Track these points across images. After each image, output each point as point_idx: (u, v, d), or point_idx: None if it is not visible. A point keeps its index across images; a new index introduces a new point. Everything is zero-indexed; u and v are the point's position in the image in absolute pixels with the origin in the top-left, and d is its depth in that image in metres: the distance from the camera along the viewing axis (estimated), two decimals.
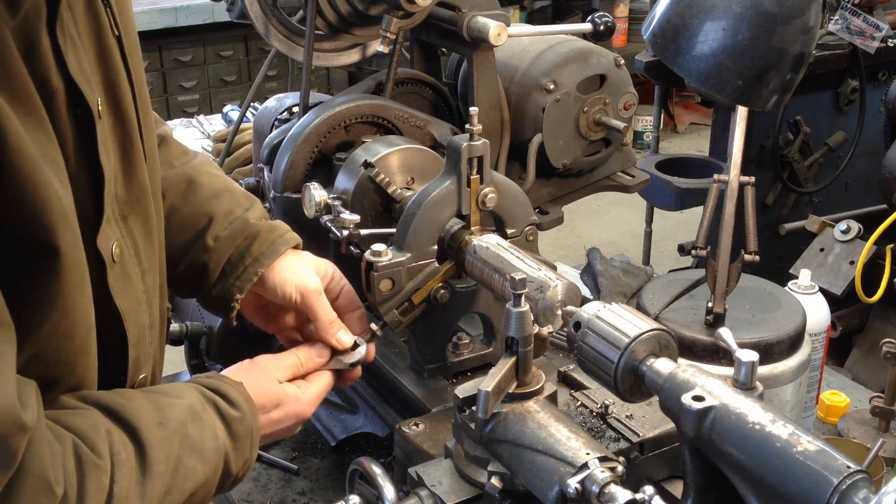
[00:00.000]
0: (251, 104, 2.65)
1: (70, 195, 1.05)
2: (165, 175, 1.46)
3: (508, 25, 1.86)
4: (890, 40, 3.48)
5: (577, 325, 1.21)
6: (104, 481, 1.05)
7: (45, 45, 1.02)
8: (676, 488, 1.31)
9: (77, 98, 1.07)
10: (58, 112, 1.05)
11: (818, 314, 1.87)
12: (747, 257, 1.62)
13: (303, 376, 1.43)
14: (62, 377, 1.10)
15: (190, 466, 1.17)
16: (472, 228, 1.56)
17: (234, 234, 1.48)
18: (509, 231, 1.61)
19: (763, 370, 1.55)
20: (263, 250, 1.48)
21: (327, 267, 1.54)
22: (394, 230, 1.56)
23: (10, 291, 0.97)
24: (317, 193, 1.72)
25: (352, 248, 1.65)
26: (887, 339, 1.91)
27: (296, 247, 1.53)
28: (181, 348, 2.01)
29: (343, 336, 1.48)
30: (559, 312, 1.35)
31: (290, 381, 1.41)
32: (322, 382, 1.45)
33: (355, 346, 1.49)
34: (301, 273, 1.49)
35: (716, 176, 1.67)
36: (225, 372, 1.35)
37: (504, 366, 1.21)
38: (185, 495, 1.17)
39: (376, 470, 1.26)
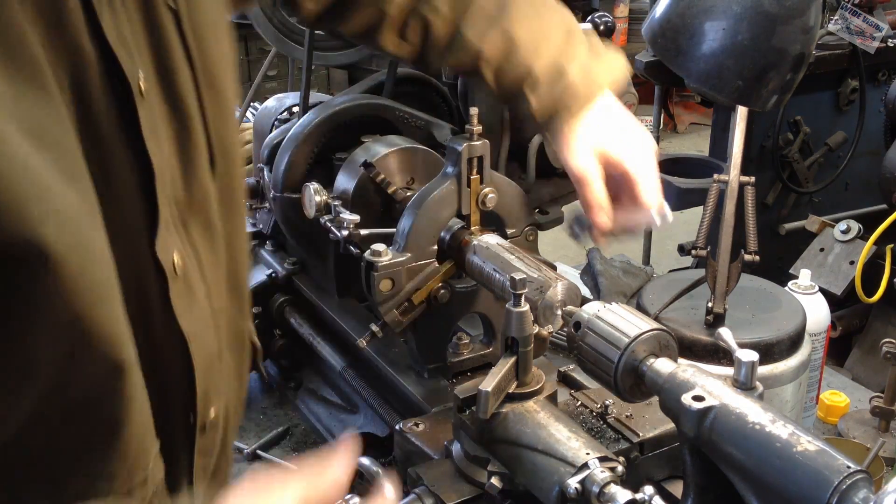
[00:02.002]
0: (251, 104, 2.65)
1: (83, 193, 0.88)
2: (484, 34, 1.48)
3: None
4: (890, 40, 3.48)
5: (577, 325, 1.21)
6: None
7: (74, 2, 0.88)
8: (676, 488, 1.31)
9: (116, 71, 0.92)
10: (92, 85, 0.90)
11: (818, 314, 1.87)
12: (747, 257, 1.62)
13: None
14: (108, 420, 0.94)
15: None
16: (472, 228, 1.56)
17: (554, 90, 1.48)
18: (509, 231, 1.61)
19: (763, 370, 1.55)
20: (577, 97, 1.49)
21: (621, 156, 1.50)
22: (394, 230, 1.56)
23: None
24: (317, 193, 1.72)
25: (352, 248, 1.65)
26: (887, 339, 1.91)
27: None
28: None
29: (601, 223, 1.48)
30: (559, 312, 1.34)
31: None
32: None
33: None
34: (579, 154, 1.49)
35: (716, 176, 1.67)
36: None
37: (504, 366, 1.21)
38: None
39: (376, 470, 1.26)
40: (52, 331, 0.86)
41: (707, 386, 1.08)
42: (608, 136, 1.50)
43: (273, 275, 2.07)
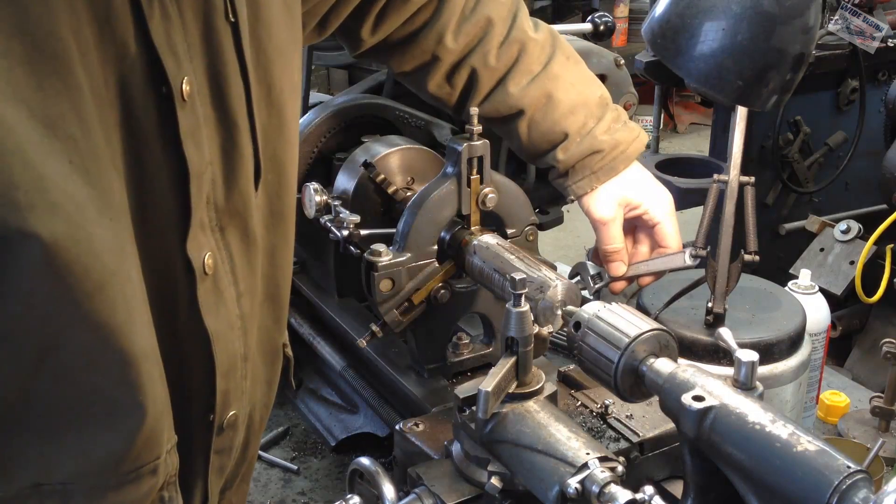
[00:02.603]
0: None
1: (94, 185, 0.90)
2: (525, 88, 1.58)
3: None
4: (890, 40, 3.48)
5: (577, 325, 1.21)
6: None
7: (122, 3, 0.92)
8: (676, 488, 1.31)
9: (159, 73, 0.96)
10: (136, 85, 0.94)
11: (818, 314, 1.87)
12: (747, 257, 1.62)
13: None
14: (115, 407, 0.97)
15: None
16: (472, 228, 1.56)
17: (582, 148, 1.60)
18: (509, 231, 1.61)
19: (763, 370, 1.55)
20: (603, 166, 1.60)
21: (640, 200, 1.62)
22: (394, 230, 1.56)
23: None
24: (317, 193, 1.72)
25: (352, 248, 1.65)
26: (887, 339, 1.91)
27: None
28: None
29: (615, 267, 1.62)
30: (559, 312, 1.34)
31: None
32: None
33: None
34: (600, 201, 1.61)
35: (716, 176, 1.67)
36: None
37: (504, 366, 1.21)
38: None
39: (376, 470, 1.26)
40: (45, 311, 0.89)
41: (707, 386, 1.08)
42: (629, 185, 1.62)
43: None
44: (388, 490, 1.24)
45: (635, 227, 1.66)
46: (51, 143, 0.86)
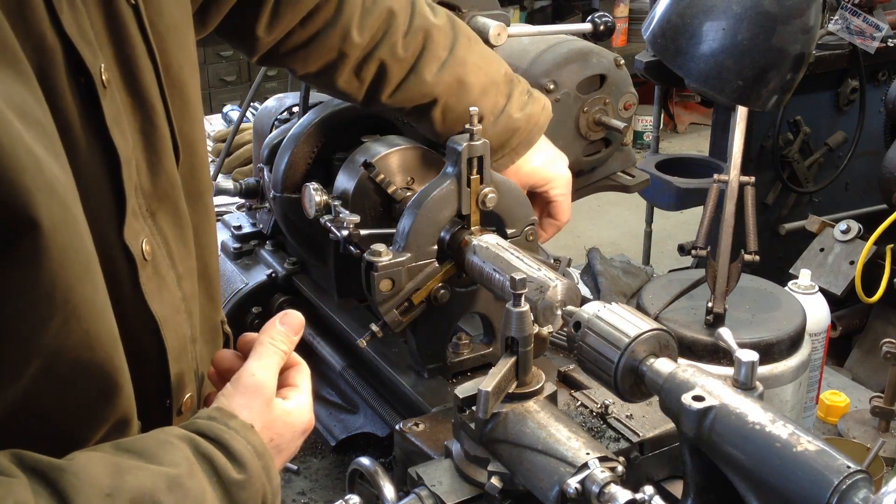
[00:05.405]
0: (251, 104, 2.65)
1: (65, 169, 0.91)
2: (438, 75, 1.62)
3: (508, 25, 1.86)
4: (890, 40, 3.48)
5: (577, 325, 1.21)
6: None
7: None
8: (676, 488, 1.31)
9: (78, 63, 0.96)
10: (56, 77, 0.93)
11: (818, 314, 1.87)
12: (747, 257, 1.62)
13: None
14: (98, 398, 0.97)
15: None
16: (472, 228, 1.56)
17: (499, 129, 1.67)
18: (509, 231, 1.61)
19: (763, 370, 1.55)
20: (521, 141, 1.69)
21: (554, 173, 1.73)
22: (394, 230, 1.56)
23: None
24: (317, 193, 1.72)
25: (352, 248, 1.64)
26: (887, 339, 1.91)
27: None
28: None
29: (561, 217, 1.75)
30: (559, 312, 1.34)
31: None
32: (305, 376, 1.20)
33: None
34: (539, 168, 1.72)
35: (716, 176, 1.67)
36: (234, 406, 1.08)
37: (504, 366, 1.21)
38: None
39: (376, 470, 1.26)
40: (45, 301, 0.88)
41: (707, 386, 1.08)
42: (540, 151, 1.73)
43: (273, 275, 2.07)
44: (388, 490, 1.24)
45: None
46: (28, 130, 0.87)
